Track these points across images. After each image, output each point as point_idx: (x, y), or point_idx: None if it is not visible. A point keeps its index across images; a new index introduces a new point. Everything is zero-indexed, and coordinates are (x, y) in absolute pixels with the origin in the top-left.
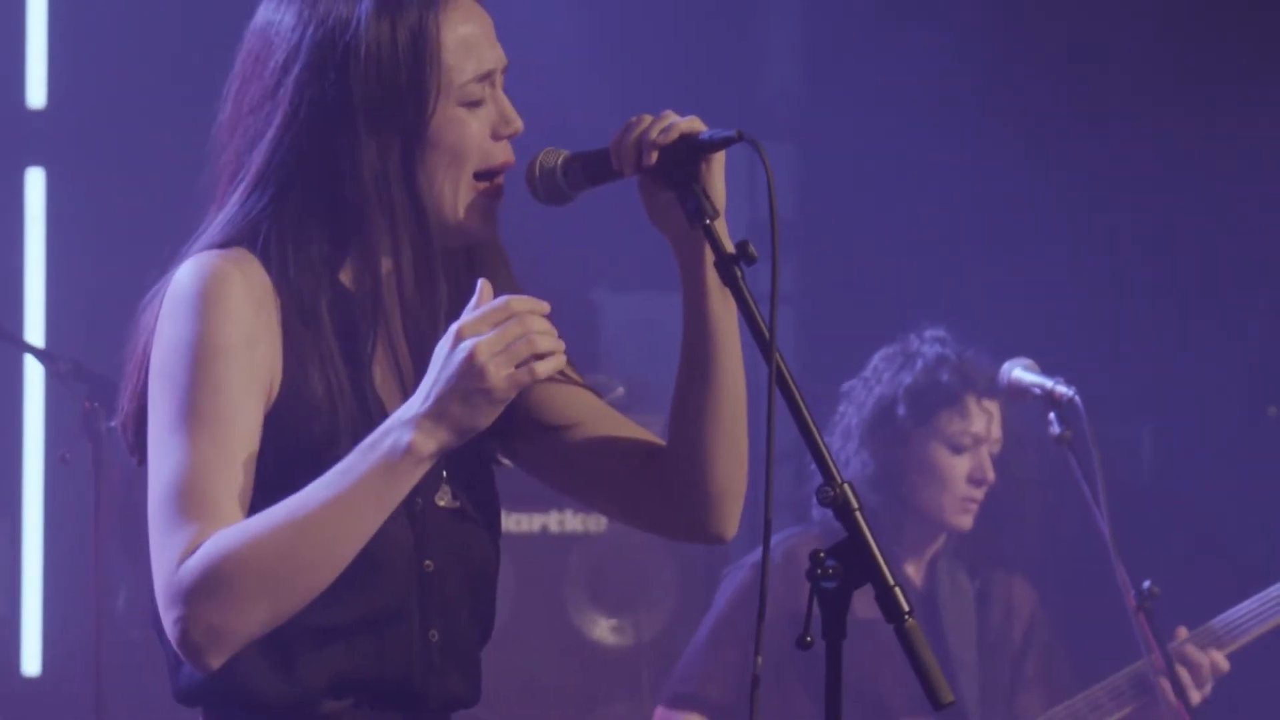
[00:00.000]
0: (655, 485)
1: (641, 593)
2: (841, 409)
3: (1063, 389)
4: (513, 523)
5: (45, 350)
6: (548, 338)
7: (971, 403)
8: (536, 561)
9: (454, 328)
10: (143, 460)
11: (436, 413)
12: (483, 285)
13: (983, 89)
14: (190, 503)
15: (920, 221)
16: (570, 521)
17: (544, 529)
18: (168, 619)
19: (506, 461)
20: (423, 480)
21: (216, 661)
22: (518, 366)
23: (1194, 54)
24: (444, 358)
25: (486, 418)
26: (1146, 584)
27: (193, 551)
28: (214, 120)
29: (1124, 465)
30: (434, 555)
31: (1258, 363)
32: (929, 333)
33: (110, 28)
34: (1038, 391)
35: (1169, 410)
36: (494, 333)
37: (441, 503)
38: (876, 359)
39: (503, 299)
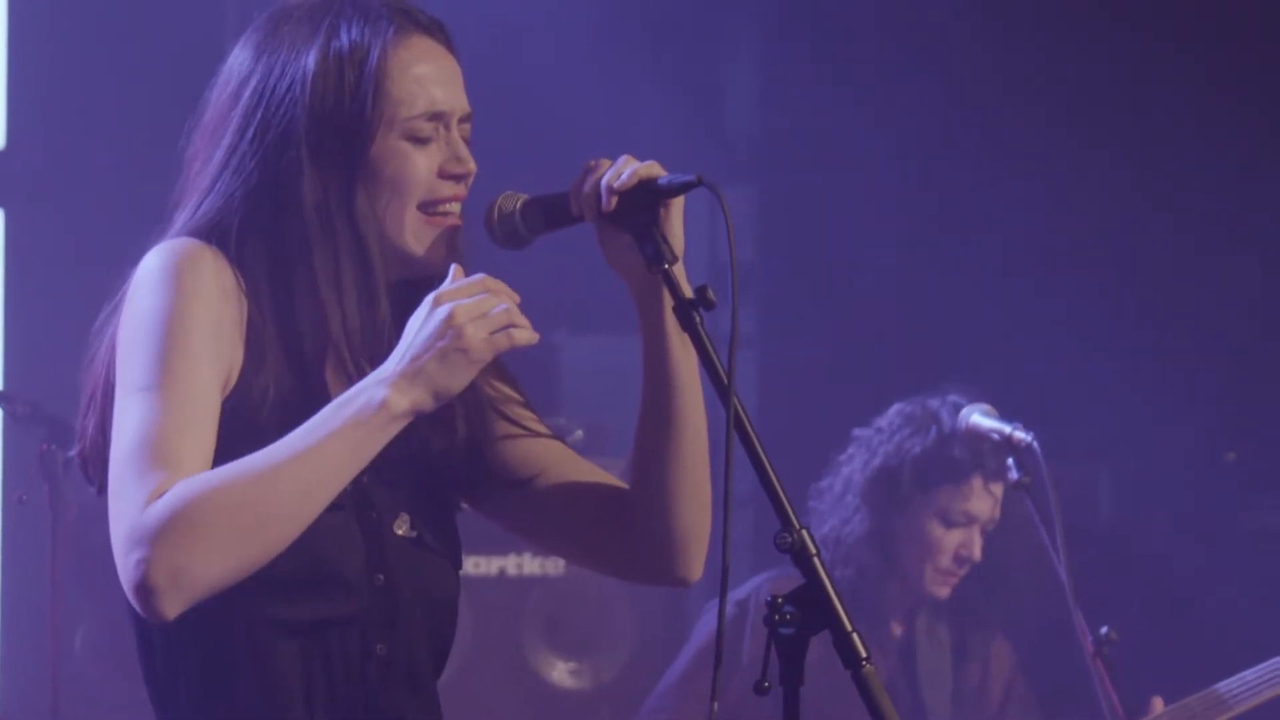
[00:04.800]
0: (618, 530)
1: (599, 635)
2: (850, 452)
3: (1021, 434)
4: (471, 565)
5: (2, 392)
6: (520, 315)
7: (977, 484)
8: (494, 604)
9: (431, 296)
10: (102, 490)
11: (412, 371)
12: (456, 268)
13: (945, 133)
14: (157, 454)
15: (880, 264)
16: (528, 564)
17: (502, 572)
18: (128, 561)
19: (466, 506)
20: (380, 506)
21: (171, 607)
22: (494, 333)
23: (1168, 111)
24: (421, 320)
25: (462, 380)
26: (1104, 630)
27: (160, 495)
28: (173, 162)
29: (1081, 509)
30: (385, 572)
31: (1215, 407)
32: (951, 398)
33: (69, 69)
34: (996, 437)
35: (1126, 454)
36: (473, 299)
37: (400, 531)
38: (894, 412)
39: (479, 275)
